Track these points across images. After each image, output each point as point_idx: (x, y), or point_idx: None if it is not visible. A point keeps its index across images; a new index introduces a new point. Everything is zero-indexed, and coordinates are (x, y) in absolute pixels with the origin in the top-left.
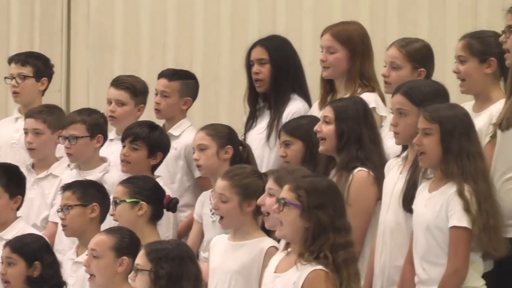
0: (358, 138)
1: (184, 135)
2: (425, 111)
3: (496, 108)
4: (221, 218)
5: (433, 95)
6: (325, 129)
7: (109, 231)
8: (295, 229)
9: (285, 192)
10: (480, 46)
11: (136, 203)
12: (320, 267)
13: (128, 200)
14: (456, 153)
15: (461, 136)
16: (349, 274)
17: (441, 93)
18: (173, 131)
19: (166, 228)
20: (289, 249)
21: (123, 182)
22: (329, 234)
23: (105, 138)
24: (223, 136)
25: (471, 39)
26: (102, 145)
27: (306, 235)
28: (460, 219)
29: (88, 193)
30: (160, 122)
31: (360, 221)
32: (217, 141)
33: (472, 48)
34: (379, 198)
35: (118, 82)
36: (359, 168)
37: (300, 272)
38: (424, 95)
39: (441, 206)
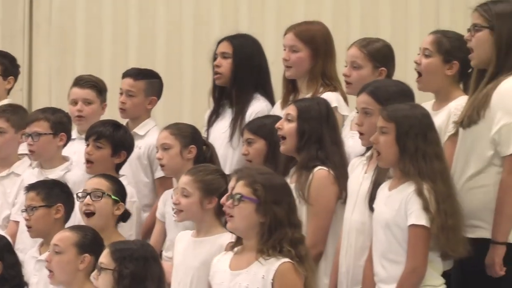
0: (319, 139)
1: (150, 135)
2: (384, 110)
3: (455, 104)
4: (179, 211)
5: (399, 95)
6: (287, 127)
7: (73, 228)
8: (250, 223)
9: (240, 188)
10: (449, 46)
11: (116, 202)
12: (287, 259)
13: (113, 197)
14: (412, 153)
15: (417, 137)
16: (311, 268)
17: (406, 93)
18: (138, 130)
19: (129, 227)
20: (237, 248)
21: (107, 177)
22: (286, 229)
23: (69, 137)
24: (187, 135)
25: (442, 37)
26: (65, 145)
27: (262, 229)
28: (419, 218)
29: (53, 194)
30: (122, 121)
31: (322, 220)
32: (180, 140)
33: (440, 46)
34: (339, 197)
35: (83, 81)
36: (319, 167)
37: (268, 266)
38: (390, 95)
39: (400, 204)
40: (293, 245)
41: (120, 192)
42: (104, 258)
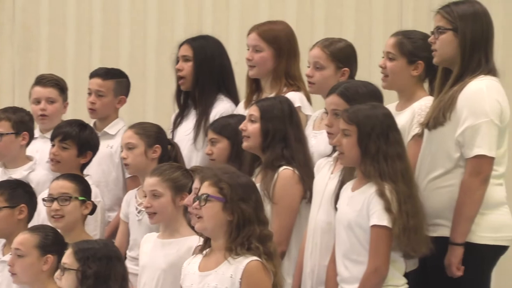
0: (283, 137)
1: (121, 134)
2: (345, 112)
3: (418, 105)
4: (153, 214)
5: (368, 96)
6: (250, 128)
7: (33, 229)
8: (218, 222)
9: (206, 188)
10: (411, 47)
11: (83, 202)
12: (255, 257)
13: (80, 198)
14: (373, 155)
15: (378, 138)
16: (280, 264)
17: (375, 94)
18: (108, 130)
19: (94, 226)
20: (205, 251)
21: (71, 178)
22: (255, 226)
23: (31, 136)
24: (151, 135)
25: (404, 38)
26: (28, 143)
27: (230, 228)
28: (381, 218)
29: (16, 194)
30: (87, 120)
31: (286, 220)
32: (145, 140)
33: (402, 48)
34: (304, 197)
35: (45, 80)
36: (284, 167)
37: (236, 265)
38: (360, 96)
39: (362, 205)
40: (261, 241)
41: (86, 191)
42: (67, 258)
